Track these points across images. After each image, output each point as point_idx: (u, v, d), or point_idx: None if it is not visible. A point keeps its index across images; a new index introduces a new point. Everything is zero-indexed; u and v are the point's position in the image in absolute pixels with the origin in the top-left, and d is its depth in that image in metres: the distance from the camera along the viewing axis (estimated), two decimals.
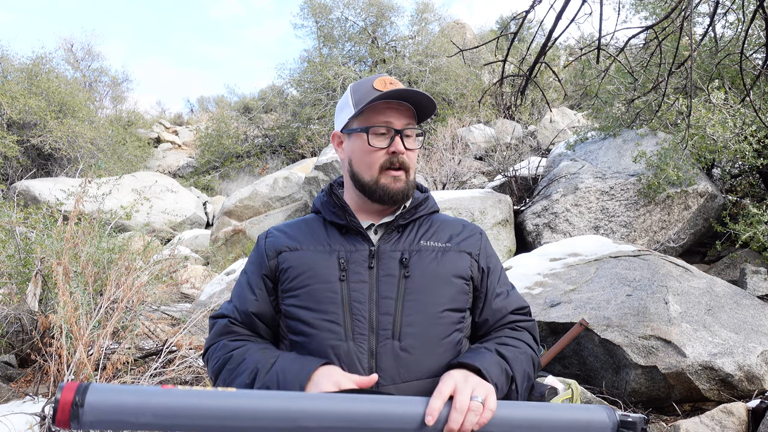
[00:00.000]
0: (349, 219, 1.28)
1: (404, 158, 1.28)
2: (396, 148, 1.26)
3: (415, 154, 1.32)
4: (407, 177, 1.29)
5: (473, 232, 1.37)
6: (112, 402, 0.87)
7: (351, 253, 1.25)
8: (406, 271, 1.23)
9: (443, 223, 1.36)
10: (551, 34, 2.66)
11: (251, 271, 1.33)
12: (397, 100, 1.28)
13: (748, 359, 3.36)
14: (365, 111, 1.28)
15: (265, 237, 1.35)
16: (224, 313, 1.31)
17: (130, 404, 0.86)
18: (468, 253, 1.31)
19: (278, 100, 18.23)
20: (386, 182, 1.27)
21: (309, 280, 1.22)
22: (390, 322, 1.18)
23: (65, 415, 0.85)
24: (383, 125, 1.27)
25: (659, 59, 3.56)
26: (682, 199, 5.88)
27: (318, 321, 1.19)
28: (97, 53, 22.87)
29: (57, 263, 3.34)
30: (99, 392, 0.88)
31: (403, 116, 1.29)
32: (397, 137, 1.26)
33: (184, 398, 0.87)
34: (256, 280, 1.30)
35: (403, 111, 1.29)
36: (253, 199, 10.35)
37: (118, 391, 0.89)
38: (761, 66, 3.77)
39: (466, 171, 9.06)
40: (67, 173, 13.74)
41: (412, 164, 1.31)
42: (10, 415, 2.93)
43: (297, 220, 1.40)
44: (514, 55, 10.89)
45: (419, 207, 1.35)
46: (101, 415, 0.86)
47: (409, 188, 1.30)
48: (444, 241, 1.31)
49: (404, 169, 1.29)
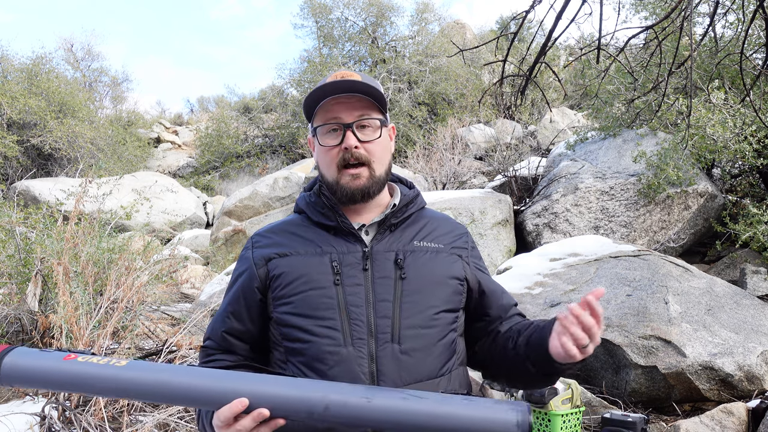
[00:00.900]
0: (339, 220, 1.24)
1: (360, 152, 1.22)
2: (347, 143, 1.21)
3: (379, 146, 1.25)
4: (370, 171, 1.24)
5: (461, 232, 1.36)
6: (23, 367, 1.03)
7: (343, 255, 1.21)
8: (401, 272, 1.20)
9: (433, 222, 1.34)
10: (551, 34, 2.66)
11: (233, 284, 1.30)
12: (346, 93, 1.22)
13: (748, 359, 3.36)
14: (318, 112, 1.25)
15: (251, 246, 1.30)
16: (208, 336, 1.31)
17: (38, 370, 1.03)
18: (459, 255, 1.30)
19: (278, 100, 18.22)
20: (345, 182, 1.23)
21: (303, 286, 1.19)
22: (389, 325, 1.16)
23: None
24: (332, 122, 1.23)
25: (659, 59, 3.57)
26: (682, 199, 5.88)
27: (315, 327, 1.16)
28: (97, 53, 22.85)
29: (57, 263, 3.34)
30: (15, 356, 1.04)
31: (355, 109, 1.23)
32: (348, 132, 1.21)
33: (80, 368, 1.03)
34: (233, 295, 1.28)
35: (354, 104, 1.23)
36: (253, 199, 10.35)
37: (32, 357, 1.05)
38: (761, 66, 3.77)
39: (466, 171, 9.06)
40: (67, 173, 13.74)
41: (375, 156, 1.24)
42: (10, 415, 2.93)
43: (280, 223, 1.34)
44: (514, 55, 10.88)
45: (410, 205, 1.31)
46: (13, 379, 1.04)
47: (371, 184, 1.24)
48: (436, 241, 1.29)
49: (364, 164, 1.23)
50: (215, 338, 1.28)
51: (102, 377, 1.01)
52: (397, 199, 1.32)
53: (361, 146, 1.22)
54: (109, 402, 3.02)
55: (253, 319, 1.25)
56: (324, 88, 1.22)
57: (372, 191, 1.25)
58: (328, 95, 1.22)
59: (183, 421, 3.03)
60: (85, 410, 2.98)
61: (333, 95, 1.22)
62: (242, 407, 0.97)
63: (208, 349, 1.28)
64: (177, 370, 1.03)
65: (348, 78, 1.23)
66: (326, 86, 1.22)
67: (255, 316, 1.25)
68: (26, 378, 1.04)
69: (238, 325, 1.25)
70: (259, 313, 1.25)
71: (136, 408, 3.14)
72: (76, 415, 2.91)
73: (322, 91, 1.22)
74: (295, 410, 0.98)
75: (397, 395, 0.99)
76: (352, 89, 1.22)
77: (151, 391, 1.01)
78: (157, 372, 1.02)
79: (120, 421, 2.95)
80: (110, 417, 3.00)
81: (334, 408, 0.97)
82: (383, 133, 1.27)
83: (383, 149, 1.27)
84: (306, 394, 0.98)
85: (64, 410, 2.95)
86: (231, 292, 1.29)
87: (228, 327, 1.26)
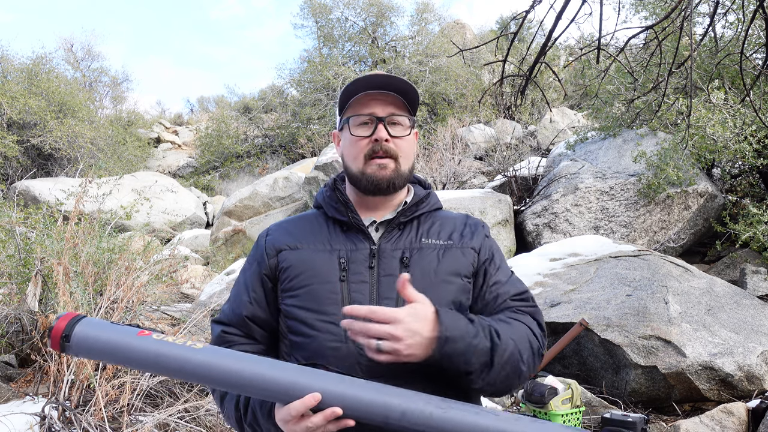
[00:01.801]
0: (351, 216, 1.26)
1: (389, 146, 1.25)
2: (378, 134, 1.24)
3: (407, 143, 1.28)
4: (396, 165, 1.26)
5: (476, 227, 1.34)
6: (95, 339, 1.01)
7: (351, 252, 1.23)
8: (406, 270, 1.21)
9: (446, 220, 1.33)
10: (551, 34, 2.66)
11: (249, 271, 1.32)
12: (381, 91, 1.26)
13: (748, 359, 3.36)
14: (351, 105, 1.28)
15: (265, 235, 1.33)
16: (221, 319, 1.31)
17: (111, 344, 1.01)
18: (471, 248, 1.29)
19: (278, 100, 18.23)
20: (371, 171, 1.25)
21: (309, 280, 1.21)
22: None
23: (56, 343, 1.01)
24: (366, 114, 1.26)
25: (659, 59, 3.57)
26: (682, 199, 5.88)
27: (318, 322, 1.17)
28: (97, 53, 22.87)
29: (57, 263, 3.34)
30: (86, 326, 1.02)
31: (389, 105, 1.26)
32: (380, 125, 1.24)
33: (156, 346, 1.00)
34: (252, 282, 1.29)
35: (388, 101, 1.26)
36: (253, 199, 10.35)
37: (104, 329, 1.02)
38: (761, 66, 3.77)
39: (466, 171, 9.06)
40: (67, 173, 13.74)
41: (402, 152, 1.27)
42: (10, 415, 2.93)
43: (298, 217, 1.37)
44: (514, 55, 10.88)
45: (420, 204, 1.32)
46: (84, 350, 1.01)
47: (397, 177, 1.26)
48: (446, 238, 1.28)
49: (391, 157, 1.25)
50: (236, 323, 1.28)
51: (177, 358, 1.00)
52: (409, 198, 1.33)
53: (391, 140, 1.25)
54: (109, 402, 3.02)
55: (270, 307, 1.28)
56: (358, 82, 1.25)
57: (397, 183, 1.27)
58: (363, 89, 1.26)
59: (183, 421, 3.03)
60: (85, 410, 2.97)
61: (369, 90, 1.26)
62: (315, 402, 0.97)
63: (227, 334, 1.28)
64: (252, 359, 1.02)
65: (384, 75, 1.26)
66: (361, 80, 1.25)
67: (271, 304, 1.28)
68: (98, 350, 1.01)
69: (259, 311, 1.27)
70: (274, 302, 1.27)
71: (136, 408, 3.14)
72: (76, 415, 2.91)
73: (357, 86, 1.25)
74: (370, 413, 0.98)
75: (471, 410, 0.99)
76: (387, 86, 1.25)
77: (225, 377, 1.00)
78: (232, 359, 1.02)
79: (120, 421, 2.95)
80: (110, 417, 2.99)
81: (411, 415, 0.97)
82: (412, 132, 1.30)
83: (410, 147, 1.29)
84: (383, 398, 0.99)
85: (64, 410, 2.95)
86: (249, 278, 1.30)
87: (250, 312, 1.27)
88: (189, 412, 3.07)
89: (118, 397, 3.00)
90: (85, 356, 1.04)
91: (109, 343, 1.01)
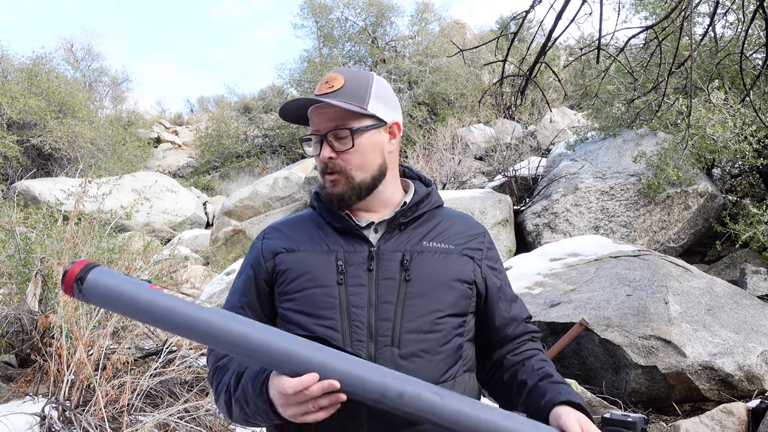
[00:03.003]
0: (344, 222, 1.23)
1: (335, 162, 1.20)
2: (321, 156, 1.21)
3: (356, 153, 1.20)
4: (347, 179, 1.21)
5: (477, 232, 1.31)
6: (108, 286, 1.01)
7: (349, 254, 1.20)
8: (406, 274, 1.18)
9: (447, 221, 1.30)
10: (551, 34, 2.66)
11: (244, 276, 1.29)
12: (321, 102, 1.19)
13: (748, 359, 3.36)
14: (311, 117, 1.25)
15: (261, 238, 1.30)
16: None
17: (122, 292, 1.01)
18: (471, 257, 1.25)
19: (278, 100, 18.23)
20: (327, 187, 1.23)
21: (307, 284, 1.18)
22: (389, 328, 1.14)
23: (69, 286, 1.01)
24: (313, 133, 1.23)
25: (659, 59, 3.57)
26: (682, 199, 5.88)
27: (316, 327, 1.15)
28: (97, 53, 22.88)
29: (57, 263, 3.34)
30: (100, 274, 1.02)
31: (330, 118, 1.20)
32: (324, 143, 1.20)
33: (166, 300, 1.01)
34: (246, 287, 1.27)
35: (329, 112, 1.20)
36: (253, 199, 10.35)
37: (117, 278, 1.02)
38: (761, 66, 3.77)
39: (466, 171, 9.06)
40: (67, 173, 13.73)
41: (351, 164, 1.20)
42: (10, 415, 2.93)
43: (294, 217, 1.34)
44: (514, 55, 10.88)
45: (421, 203, 1.28)
46: (96, 295, 1.01)
47: (350, 190, 1.21)
48: (447, 242, 1.25)
49: (339, 173, 1.21)
50: None
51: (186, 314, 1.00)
52: (408, 197, 1.28)
53: (338, 156, 1.20)
54: (109, 402, 3.02)
55: (265, 312, 1.25)
56: (303, 98, 1.22)
57: (349, 197, 1.22)
58: (308, 105, 1.23)
59: (183, 421, 3.03)
60: (85, 410, 2.98)
61: (312, 105, 1.22)
62: (312, 382, 0.97)
63: None
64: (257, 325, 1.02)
65: (325, 85, 1.21)
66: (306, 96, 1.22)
67: (267, 310, 1.25)
68: (110, 298, 1.01)
69: (253, 316, 1.24)
70: (270, 307, 1.25)
71: (136, 408, 3.14)
72: (76, 415, 2.91)
73: (303, 102, 1.22)
74: (367, 390, 0.99)
75: (467, 400, 1.01)
76: (325, 97, 1.19)
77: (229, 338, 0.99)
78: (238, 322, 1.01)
79: (120, 421, 2.95)
80: (110, 417, 3.00)
81: (408, 397, 0.98)
82: (363, 139, 1.21)
83: (362, 156, 1.21)
84: (382, 378, 0.99)
85: (64, 410, 2.95)
86: (242, 282, 1.28)
87: None
88: (189, 412, 3.07)
89: (118, 397, 3.00)
90: (96, 302, 1.03)
91: (121, 292, 1.00)
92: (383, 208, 1.27)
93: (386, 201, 1.27)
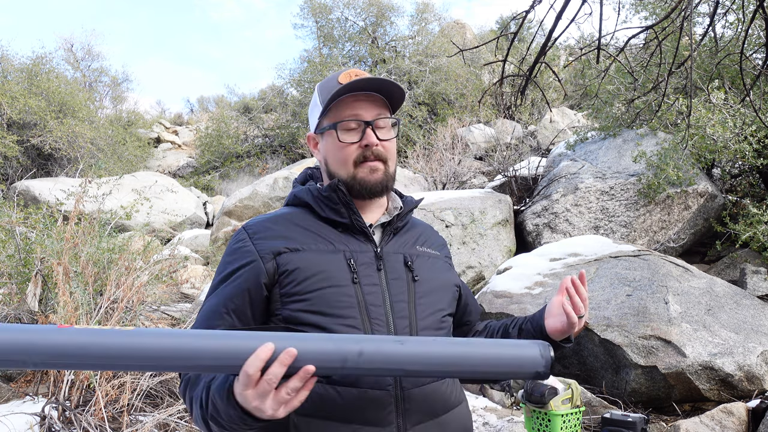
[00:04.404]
0: (353, 218, 1.22)
1: (379, 149, 1.23)
2: (368, 140, 1.21)
3: (392, 144, 1.26)
4: (386, 168, 1.24)
5: (443, 242, 1.42)
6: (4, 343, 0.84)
7: (357, 253, 1.19)
8: (413, 274, 1.22)
9: (422, 228, 1.39)
10: (551, 34, 2.66)
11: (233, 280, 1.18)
12: (364, 92, 1.23)
13: (748, 359, 3.36)
14: (333, 107, 1.23)
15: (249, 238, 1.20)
16: None
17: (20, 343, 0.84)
18: (450, 265, 1.38)
19: (278, 100, 18.23)
20: (363, 175, 1.22)
21: (320, 283, 1.14)
22: (407, 326, 1.17)
23: None
24: (352, 119, 1.22)
25: (659, 59, 3.56)
26: (682, 199, 5.88)
27: (336, 326, 1.12)
28: (97, 53, 22.81)
29: (57, 263, 3.34)
30: None
31: (374, 107, 1.23)
32: (368, 129, 1.21)
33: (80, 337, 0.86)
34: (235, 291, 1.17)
35: (372, 102, 1.24)
36: (253, 199, 10.35)
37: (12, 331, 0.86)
38: (761, 66, 3.77)
39: (466, 171, 9.06)
40: (67, 173, 13.73)
41: (390, 155, 1.25)
42: (10, 415, 2.93)
43: (274, 215, 1.26)
44: (514, 55, 10.88)
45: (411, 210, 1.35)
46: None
47: (388, 179, 1.25)
48: (432, 248, 1.33)
49: (381, 160, 1.24)
50: None
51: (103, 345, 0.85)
52: (399, 203, 1.33)
53: (380, 144, 1.23)
54: (109, 402, 3.02)
55: (256, 318, 1.17)
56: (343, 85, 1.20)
57: (389, 185, 1.26)
58: (348, 92, 1.22)
59: (183, 421, 3.03)
60: (85, 410, 2.98)
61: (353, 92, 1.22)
62: (270, 352, 0.89)
63: None
64: (190, 333, 0.92)
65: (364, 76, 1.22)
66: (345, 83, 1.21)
67: (258, 314, 1.17)
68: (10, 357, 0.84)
69: (239, 323, 1.16)
70: (262, 311, 1.18)
71: (136, 408, 3.14)
72: (76, 415, 2.91)
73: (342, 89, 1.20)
74: (327, 357, 0.93)
75: (428, 339, 1.01)
76: (372, 87, 1.23)
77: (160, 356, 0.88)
78: (167, 336, 0.89)
79: (120, 421, 2.95)
80: (110, 417, 3.00)
81: (368, 353, 0.94)
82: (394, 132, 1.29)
83: (395, 149, 1.29)
84: (338, 342, 0.94)
85: (64, 410, 2.95)
86: (230, 287, 1.18)
87: (229, 325, 1.15)
88: (189, 412, 3.07)
89: (118, 397, 3.00)
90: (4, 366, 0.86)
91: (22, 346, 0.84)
92: (375, 211, 1.29)
93: (381, 203, 1.31)
